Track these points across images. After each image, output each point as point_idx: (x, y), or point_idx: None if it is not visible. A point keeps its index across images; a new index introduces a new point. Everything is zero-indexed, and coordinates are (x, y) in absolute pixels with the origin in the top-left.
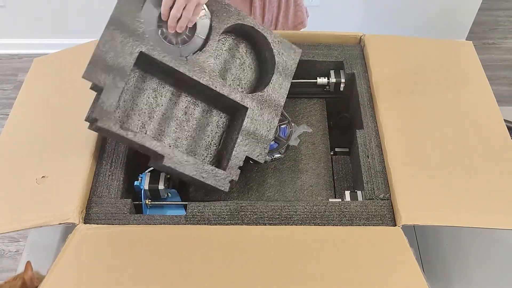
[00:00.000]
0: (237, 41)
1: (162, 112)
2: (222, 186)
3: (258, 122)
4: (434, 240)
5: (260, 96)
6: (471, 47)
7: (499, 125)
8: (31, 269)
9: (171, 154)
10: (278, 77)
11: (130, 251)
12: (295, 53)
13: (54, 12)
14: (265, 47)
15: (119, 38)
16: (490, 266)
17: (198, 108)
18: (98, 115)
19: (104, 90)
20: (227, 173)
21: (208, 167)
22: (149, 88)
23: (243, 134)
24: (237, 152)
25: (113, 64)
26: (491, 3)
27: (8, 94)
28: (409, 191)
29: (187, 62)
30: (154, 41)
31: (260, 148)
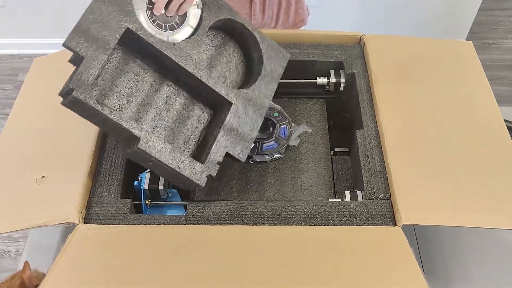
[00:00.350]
0: (226, 39)
1: (142, 97)
2: (198, 180)
3: (242, 119)
4: (434, 240)
5: (246, 93)
6: (471, 47)
7: (499, 125)
8: (29, 269)
9: (148, 138)
10: (264, 78)
11: (130, 251)
12: (284, 56)
13: (54, 12)
14: (253, 47)
15: (106, 10)
16: (490, 266)
17: (180, 99)
18: (74, 85)
19: (84, 61)
20: (205, 167)
21: (186, 158)
22: (131, 71)
23: (224, 129)
24: (217, 147)
25: (97, 36)
26: (491, 3)
27: (8, 94)
28: (409, 191)
29: (174, 47)
30: (142, 22)
31: (242, 146)
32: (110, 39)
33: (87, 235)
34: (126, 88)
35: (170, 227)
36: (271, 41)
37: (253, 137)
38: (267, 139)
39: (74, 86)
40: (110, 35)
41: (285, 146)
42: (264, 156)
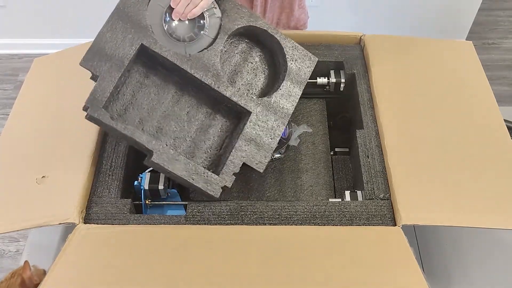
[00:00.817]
0: (250, 45)
1: (163, 110)
2: (212, 191)
3: (261, 128)
4: (434, 240)
5: (267, 101)
6: (471, 47)
7: (499, 125)
8: (29, 269)
9: (161, 151)
10: (288, 84)
11: (130, 251)
12: (310, 60)
13: (54, 12)
14: (278, 52)
15: (121, 29)
16: (490, 266)
17: (201, 109)
18: (89, 104)
19: (98, 79)
20: (220, 178)
21: (200, 169)
22: (152, 85)
23: (242, 139)
24: (233, 157)
25: (112, 54)
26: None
27: (8, 94)
28: (409, 191)
29: (190, 59)
30: (158, 36)
31: (261, 156)
32: (125, 56)
33: (87, 235)
34: (147, 102)
35: (170, 227)
36: (297, 44)
37: (273, 147)
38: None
39: (89, 104)
40: (124, 53)
41: (285, 146)
42: None
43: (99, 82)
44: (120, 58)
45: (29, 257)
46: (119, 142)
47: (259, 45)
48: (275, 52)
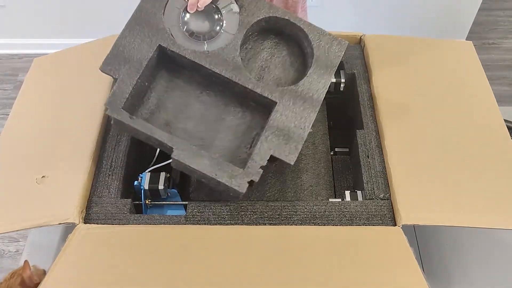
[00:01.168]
0: (276, 40)
1: (189, 112)
2: (237, 186)
3: (289, 118)
4: (434, 240)
5: (293, 89)
6: (471, 47)
7: (499, 125)
8: (29, 268)
9: (182, 147)
10: (316, 70)
11: (130, 251)
12: (340, 45)
13: (54, 12)
14: (304, 41)
15: (138, 33)
16: (490, 266)
17: (228, 108)
18: (109, 105)
19: (117, 82)
20: (246, 172)
21: (224, 163)
22: (176, 88)
23: (269, 130)
24: (259, 149)
25: (130, 57)
26: (491, 3)
27: (8, 94)
28: (409, 191)
29: (209, 55)
30: (178, 38)
31: (291, 148)
32: (143, 58)
33: (87, 235)
34: (172, 104)
35: (170, 227)
36: (322, 30)
37: (304, 136)
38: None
39: (109, 105)
40: (142, 55)
41: None
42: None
43: (118, 84)
44: (138, 60)
45: (29, 257)
46: (119, 143)
47: (285, 37)
48: (301, 41)
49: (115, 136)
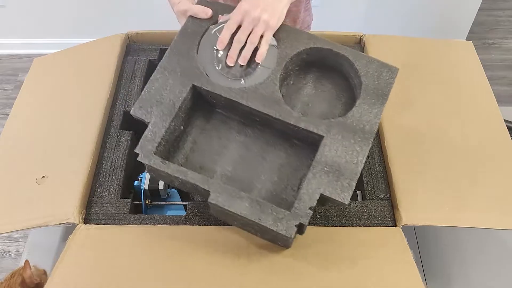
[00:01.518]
0: (319, 73)
1: (227, 154)
2: (283, 230)
3: (339, 152)
4: (434, 240)
5: (341, 121)
6: (471, 47)
7: (499, 125)
8: (29, 268)
9: (219, 189)
10: (366, 99)
11: (130, 251)
12: (390, 71)
13: (54, 12)
14: (350, 70)
15: (171, 74)
16: (490, 266)
17: (270, 148)
18: (140, 149)
19: (150, 125)
20: (293, 214)
21: (267, 205)
22: (213, 129)
23: (317, 167)
24: (307, 189)
25: (162, 99)
26: (491, 3)
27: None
28: (409, 191)
29: (246, 91)
30: (212, 75)
31: (343, 185)
32: (176, 100)
33: (87, 236)
34: (209, 147)
35: (170, 227)
36: (369, 57)
37: (357, 172)
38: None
39: (140, 150)
40: (175, 96)
41: None
42: None
43: (150, 127)
44: (171, 102)
45: (29, 257)
46: (119, 143)
47: (328, 69)
48: (347, 71)
49: (115, 136)
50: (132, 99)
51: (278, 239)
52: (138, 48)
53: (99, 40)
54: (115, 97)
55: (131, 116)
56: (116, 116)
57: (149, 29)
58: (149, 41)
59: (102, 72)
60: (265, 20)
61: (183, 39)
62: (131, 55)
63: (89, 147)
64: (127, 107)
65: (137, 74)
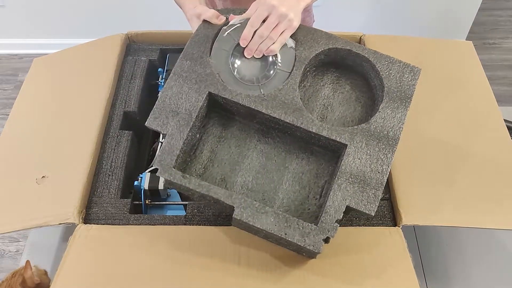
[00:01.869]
0: (338, 74)
1: (247, 163)
2: (312, 245)
3: (363, 161)
4: (434, 240)
5: (364, 128)
6: (471, 47)
7: (499, 125)
8: (30, 268)
9: (244, 205)
10: (389, 103)
11: (130, 251)
12: (412, 72)
13: (54, 12)
14: (371, 72)
15: (185, 81)
16: (490, 266)
17: (291, 156)
18: (158, 164)
19: (167, 137)
20: (320, 228)
21: (293, 220)
22: (231, 137)
23: (341, 177)
24: (333, 201)
25: (178, 109)
26: (491, 3)
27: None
28: (409, 191)
29: (265, 98)
30: (229, 83)
31: (369, 195)
32: (192, 109)
33: (87, 236)
34: (228, 156)
35: (170, 227)
36: (390, 57)
37: (383, 182)
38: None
39: (158, 165)
40: (191, 105)
41: None
42: None
43: (167, 140)
44: (187, 112)
45: (29, 257)
46: (119, 143)
47: (347, 70)
48: (367, 72)
49: (115, 136)
50: (132, 99)
51: (304, 251)
52: (138, 48)
53: (99, 40)
54: (115, 97)
55: (131, 116)
56: (116, 116)
57: (149, 29)
58: (149, 41)
59: (102, 72)
60: (290, 18)
61: (195, 44)
62: (131, 55)
63: (89, 147)
64: (127, 107)
65: (137, 74)
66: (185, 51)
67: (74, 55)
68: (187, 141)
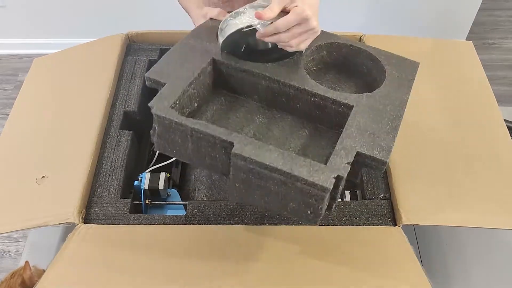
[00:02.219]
0: (338, 76)
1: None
2: (322, 181)
3: (372, 118)
4: (434, 240)
5: (369, 95)
6: (471, 47)
7: (499, 125)
8: (29, 269)
9: (244, 141)
10: (391, 83)
11: (130, 251)
12: (411, 64)
13: (54, 12)
14: (372, 67)
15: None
16: (490, 266)
17: (296, 127)
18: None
19: (165, 86)
20: (328, 167)
21: (299, 157)
22: (231, 112)
23: (349, 129)
24: (343, 145)
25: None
26: (491, 3)
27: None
28: (409, 191)
29: (269, 66)
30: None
31: (380, 145)
32: (195, 69)
33: (87, 235)
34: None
35: (170, 227)
36: (389, 52)
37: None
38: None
39: (153, 104)
40: (194, 66)
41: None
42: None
43: (166, 87)
44: (189, 70)
45: (29, 257)
46: (119, 143)
47: (348, 72)
48: (369, 69)
49: (115, 136)
50: (132, 99)
51: (309, 205)
52: (138, 48)
53: (99, 40)
54: (115, 97)
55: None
56: (116, 116)
57: (149, 29)
58: (149, 41)
59: (102, 72)
60: (316, 31)
61: (201, 28)
62: (131, 55)
63: (89, 147)
64: (127, 107)
65: (137, 74)
66: (192, 32)
67: (74, 55)
68: (186, 96)
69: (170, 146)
